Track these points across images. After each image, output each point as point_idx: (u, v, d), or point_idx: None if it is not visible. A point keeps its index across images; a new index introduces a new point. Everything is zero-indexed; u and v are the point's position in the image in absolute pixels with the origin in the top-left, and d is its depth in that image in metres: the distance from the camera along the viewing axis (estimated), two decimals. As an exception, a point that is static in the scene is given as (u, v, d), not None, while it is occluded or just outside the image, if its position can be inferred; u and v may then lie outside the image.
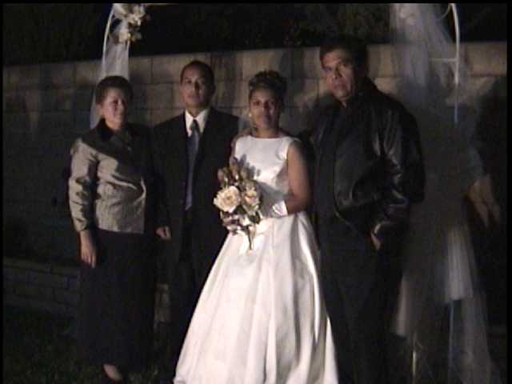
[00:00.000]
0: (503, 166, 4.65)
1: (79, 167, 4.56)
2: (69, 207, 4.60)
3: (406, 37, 4.12)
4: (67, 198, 4.61)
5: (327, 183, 3.85)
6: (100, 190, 4.58)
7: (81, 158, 4.56)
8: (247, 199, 4.03)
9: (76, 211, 4.53)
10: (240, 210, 4.05)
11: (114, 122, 4.60)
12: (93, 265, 4.54)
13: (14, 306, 6.24)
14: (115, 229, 4.56)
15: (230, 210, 4.06)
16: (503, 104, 4.71)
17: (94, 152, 4.54)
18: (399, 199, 3.68)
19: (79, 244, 4.60)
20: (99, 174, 4.58)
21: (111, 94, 4.56)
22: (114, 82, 4.66)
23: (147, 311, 4.75)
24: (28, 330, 5.66)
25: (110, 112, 4.58)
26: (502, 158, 4.66)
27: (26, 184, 7.21)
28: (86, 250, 4.53)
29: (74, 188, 4.55)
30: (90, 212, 4.55)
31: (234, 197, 4.04)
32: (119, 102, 4.56)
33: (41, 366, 4.94)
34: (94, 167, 4.56)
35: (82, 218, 4.53)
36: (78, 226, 4.54)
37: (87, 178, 4.55)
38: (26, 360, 5.04)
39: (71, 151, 4.65)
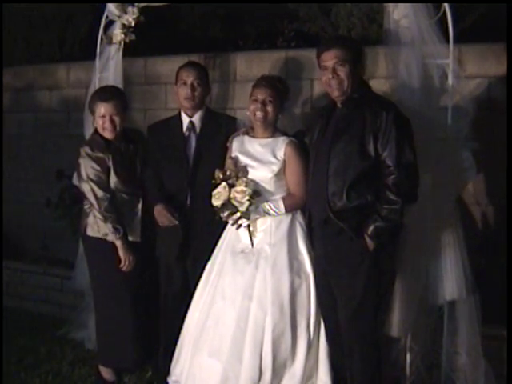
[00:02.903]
0: (497, 167, 4.66)
1: (96, 176, 4.46)
2: (62, 208, 4.55)
3: (400, 38, 4.13)
4: (60, 199, 4.57)
5: (321, 184, 3.85)
6: None
7: (94, 165, 4.47)
8: (236, 195, 4.05)
9: (110, 221, 4.43)
10: (229, 205, 4.06)
11: (104, 135, 4.54)
12: (130, 269, 4.49)
13: (7, 307, 6.21)
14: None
15: (219, 204, 4.09)
16: (497, 105, 4.72)
17: (103, 157, 4.48)
18: (393, 200, 3.69)
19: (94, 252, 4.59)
20: None
21: (100, 109, 4.50)
22: (101, 96, 4.55)
23: (153, 315, 4.72)
24: (21, 332, 5.64)
25: (99, 126, 4.53)
26: (495, 159, 4.67)
27: (20, 185, 7.19)
28: (127, 256, 4.47)
29: (102, 198, 4.44)
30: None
31: (222, 191, 4.08)
32: (107, 118, 4.49)
33: (34, 368, 4.93)
34: (106, 170, 4.49)
35: (118, 227, 4.45)
36: (116, 235, 4.45)
37: (107, 184, 4.47)
38: (19, 362, 5.03)
39: (85, 158, 4.51)
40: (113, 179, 4.51)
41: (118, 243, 4.47)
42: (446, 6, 4.14)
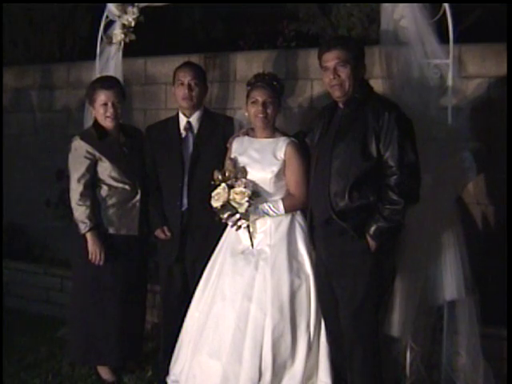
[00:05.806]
0: (497, 167, 4.66)
1: (77, 166, 4.52)
2: (62, 208, 4.56)
3: (399, 38, 4.13)
4: (60, 199, 4.58)
5: (323, 184, 3.85)
6: (96, 191, 4.56)
7: (79, 156, 4.52)
8: (235, 196, 4.05)
9: (79, 213, 4.49)
10: (229, 206, 4.06)
11: (105, 124, 4.58)
12: (101, 263, 4.49)
13: (7, 307, 6.21)
14: (111, 230, 4.55)
15: (218, 206, 4.09)
16: (497, 105, 4.71)
17: (92, 150, 4.51)
18: (395, 200, 3.69)
19: (75, 245, 4.58)
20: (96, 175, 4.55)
21: (101, 97, 4.54)
22: (103, 84, 4.61)
23: (139, 311, 4.77)
24: (21, 332, 5.64)
25: (100, 114, 4.57)
26: (495, 159, 4.67)
27: (20, 185, 7.19)
28: (94, 249, 4.48)
29: (75, 189, 4.49)
30: (93, 212, 4.50)
31: (221, 192, 4.09)
32: (109, 105, 4.54)
33: (34, 368, 4.93)
34: (92, 165, 4.51)
35: (86, 220, 4.48)
36: (82, 228, 4.49)
37: (87, 177, 4.50)
38: (19, 362, 5.03)
39: (71, 149, 4.58)
40: (111, 169, 4.53)
41: (87, 236, 4.48)
42: (446, 6, 4.14)
